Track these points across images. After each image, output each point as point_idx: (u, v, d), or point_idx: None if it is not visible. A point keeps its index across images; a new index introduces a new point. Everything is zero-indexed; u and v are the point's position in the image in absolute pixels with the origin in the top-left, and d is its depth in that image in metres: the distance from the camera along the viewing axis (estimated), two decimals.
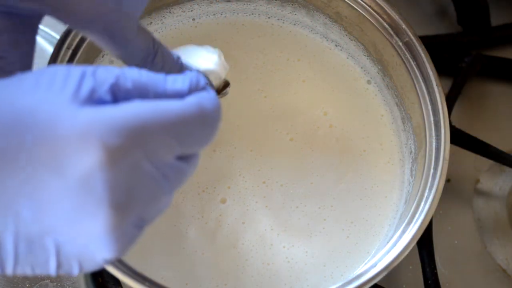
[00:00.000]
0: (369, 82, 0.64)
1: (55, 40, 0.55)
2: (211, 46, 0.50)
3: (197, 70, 0.48)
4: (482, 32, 0.74)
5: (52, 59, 0.54)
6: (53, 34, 0.65)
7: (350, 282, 0.50)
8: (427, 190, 0.54)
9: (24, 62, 0.42)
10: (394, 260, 0.50)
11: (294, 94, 0.63)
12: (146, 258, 0.55)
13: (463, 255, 0.66)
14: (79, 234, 0.34)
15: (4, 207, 0.33)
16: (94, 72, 0.35)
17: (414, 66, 0.59)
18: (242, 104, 0.62)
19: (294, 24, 0.66)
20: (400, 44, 0.59)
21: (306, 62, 0.65)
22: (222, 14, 0.65)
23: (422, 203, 0.53)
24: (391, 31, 0.60)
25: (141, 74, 0.37)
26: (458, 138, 0.66)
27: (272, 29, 0.66)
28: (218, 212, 0.58)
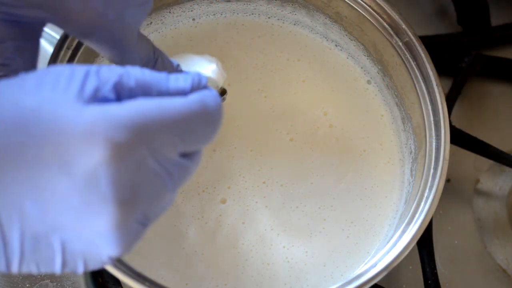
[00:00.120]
0: (369, 82, 0.64)
1: (55, 40, 0.55)
2: (209, 55, 0.52)
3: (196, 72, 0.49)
4: (482, 32, 0.74)
5: (52, 59, 0.54)
6: (53, 34, 0.65)
7: (350, 282, 0.50)
8: (427, 190, 0.54)
9: (27, 69, 0.42)
10: (394, 260, 0.50)
11: (294, 94, 0.63)
12: (146, 258, 0.55)
13: (463, 255, 0.66)
14: (85, 231, 0.34)
15: (10, 205, 0.34)
16: (97, 71, 0.35)
17: (414, 66, 0.59)
18: (242, 104, 0.62)
19: (294, 24, 0.66)
20: (400, 44, 0.59)
21: (306, 62, 0.65)
22: (222, 14, 0.65)
23: (422, 203, 0.53)
24: (391, 31, 0.60)
25: (144, 73, 0.37)
26: (458, 138, 0.66)
27: (272, 29, 0.66)
28: (218, 212, 0.58)
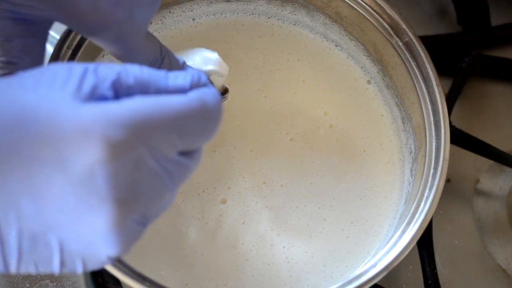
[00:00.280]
0: (369, 82, 0.64)
1: (55, 40, 0.55)
2: (209, 50, 0.51)
3: (200, 70, 0.49)
4: (482, 32, 0.74)
5: (52, 59, 0.54)
6: (53, 34, 0.65)
7: (350, 282, 0.50)
8: (427, 190, 0.54)
9: (35, 67, 0.42)
10: (394, 260, 0.50)
11: (294, 94, 0.63)
12: (146, 258, 0.55)
13: (463, 255, 0.66)
14: (83, 230, 0.34)
15: (6, 204, 0.33)
16: (96, 69, 0.35)
17: (414, 66, 0.59)
18: (242, 104, 0.62)
19: (294, 24, 0.66)
20: (400, 44, 0.59)
21: (306, 62, 0.65)
22: (222, 14, 0.65)
23: (422, 203, 0.53)
24: (391, 31, 0.60)
25: (142, 70, 0.37)
26: (458, 138, 0.66)
27: (272, 29, 0.65)
28: (218, 212, 0.58)
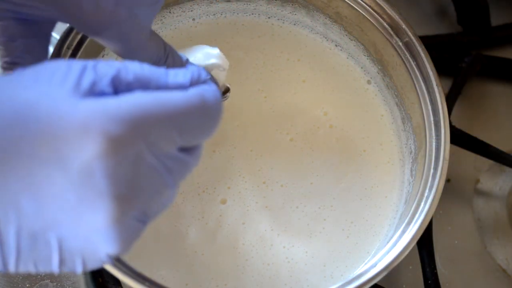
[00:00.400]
0: (369, 82, 0.64)
1: (55, 40, 0.55)
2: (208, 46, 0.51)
3: (203, 67, 0.49)
4: (482, 32, 0.74)
5: (52, 59, 0.54)
6: (53, 34, 0.65)
7: (350, 282, 0.50)
8: (427, 190, 0.54)
9: None
10: (394, 260, 0.51)
11: (294, 94, 0.63)
12: (146, 258, 0.55)
13: (463, 255, 0.66)
14: (82, 228, 0.34)
15: (6, 202, 0.33)
16: (95, 65, 0.35)
17: (414, 66, 0.59)
18: (242, 104, 0.62)
19: (294, 24, 0.66)
20: (400, 44, 0.59)
21: (306, 62, 0.65)
22: (222, 14, 0.65)
23: (422, 203, 0.53)
24: (391, 31, 0.60)
25: (142, 67, 0.37)
26: (458, 138, 0.66)
27: (272, 29, 0.65)
28: (218, 212, 0.58)
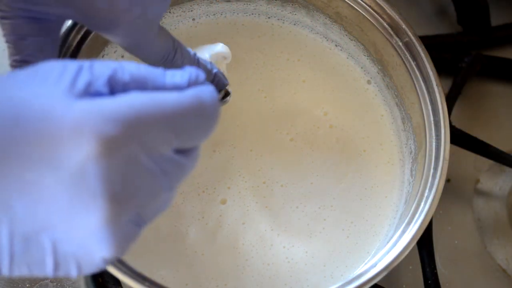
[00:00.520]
0: (369, 82, 0.64)
1: None
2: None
3: (209, 62, 0.50)
4: (482, 32, 0.74)
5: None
6: None
7: (350, 282, 0.50)
8: (427, 190, 0.54)
9: None
10: (394, 260, 0.51)
11: (294, 94, 0.63)
12: (146, 258, 0.55)
13: (463, 255, 0.66)
14: (76, 230, 0.33)
15: None
16: (91, 66, 0.34)
17: (414, 66, 0.59)
18: (242, 104, 0.62)
19: (294, 24, 0.66)
20: (400, 44, 0.59)
21: (306, 62, 0.65)
22: (222, 14, 0.65)
23: (422, 203, 0.53)
24: (391, 31, 0.60)
25: (139, 67, 0.36)
26: (458, 138, 0.66)
27: (272, 29, 0.65)
28: (218, 212, 0.58)
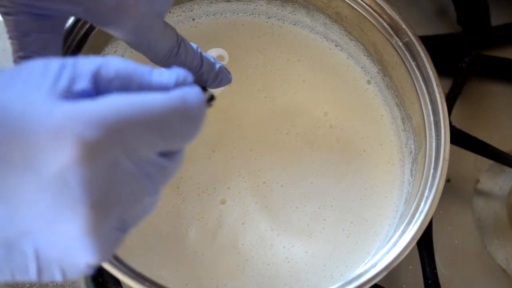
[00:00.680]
0: (369, 82, 0.64)
1: None
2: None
3: (213, 57, 0.51)
4: (482, 32, 0.74)
5: None
6: None
7: (350, 282, 0.50)
8: (427, 190, 0.54)
9: None
10: (394, 260, 0.51)
11: (294, 94, 0.63)
12: (146, 258, 0.55)
13: (463, 255, 0.66)
14: (58, 236, 0.33)
15: None
16: (74, 62, 0.33)
17: (414, 66, 0.59)
18: (242, 104, 0.62)
19: (294, 24, 0.66)
20: (400, 44, 0.59)
21: (306, 62, 0.65)
22: (222, 14, 0.65)
23: (422, 203, 0.53)
24: (391, 31, 0.60)
25: (126, 63, 0.35)
26: (458, 138, 0.66)
27: (272, 29, 0.65)
28: (218, 212, 0.58)
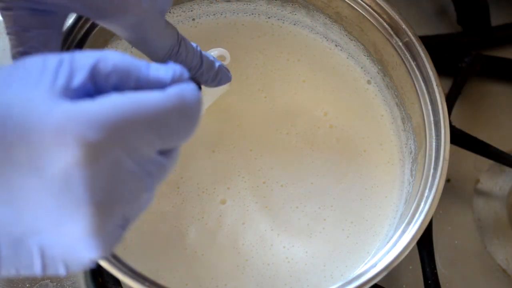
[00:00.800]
0: (369, 82, 0.64)
1: None
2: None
3: (212, 56, 0.51)
4: (482, 32, 0.74)
5: None
6: None
7: (350, 282, 0.50)
8: (427, 190, 0.54)
9: None
10: (394, 260, 0.51)
11: (294, 94, 0.63)
12: (146, 258, 0.55)
13: (463, 255, 0.66)
14: (62, 235, 0.33)
15: None
16: (72, 58, 0.34)
17: (414, 66, 0.59)
18: (242, 104, 0.62)
19: (294, 24, 0.66)
20: (400, 44, 0.59)
21: (306, 62, 0.65)
22: (222, 14, 0.65)
23: (422, 203, 0.53)
24: (391, 31, 0.60)
25: (123, 57, 0.35)
26: (458, 138, 0.66)
27: (272, 29, 0.65)
28: (218, 213, 0.58)
